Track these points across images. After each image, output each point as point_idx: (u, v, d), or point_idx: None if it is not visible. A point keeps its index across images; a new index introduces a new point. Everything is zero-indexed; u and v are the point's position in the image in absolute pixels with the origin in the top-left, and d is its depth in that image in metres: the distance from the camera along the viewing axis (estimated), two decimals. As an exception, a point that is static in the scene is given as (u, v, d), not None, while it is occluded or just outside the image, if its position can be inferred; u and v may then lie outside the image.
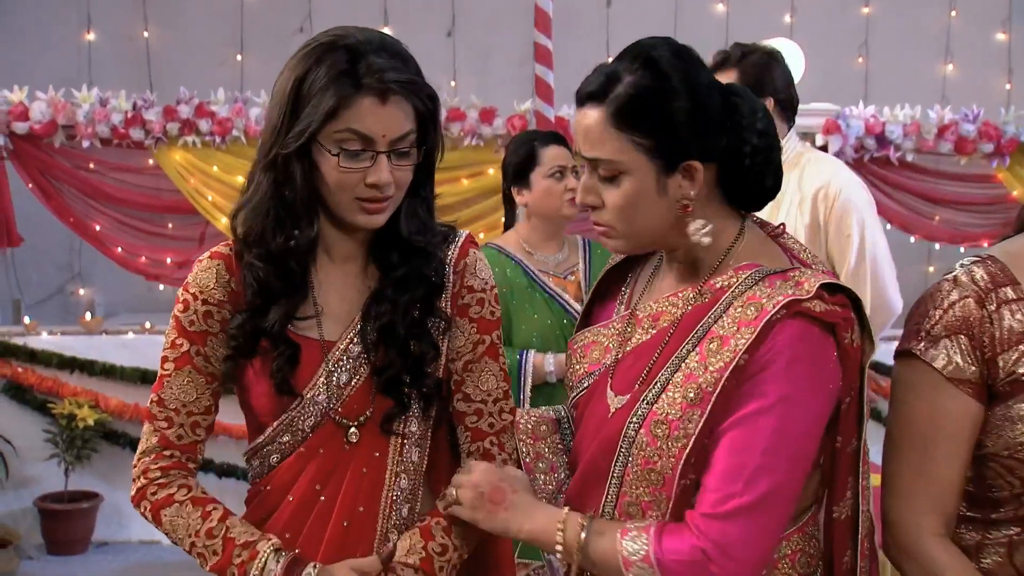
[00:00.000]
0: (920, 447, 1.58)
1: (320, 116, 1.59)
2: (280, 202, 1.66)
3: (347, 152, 1.61)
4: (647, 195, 1.57)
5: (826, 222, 3.19)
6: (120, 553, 5.43)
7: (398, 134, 1.63)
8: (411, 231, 1.73)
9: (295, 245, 1.68)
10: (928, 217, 5.99)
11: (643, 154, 1.54)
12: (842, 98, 6.04)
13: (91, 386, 5.46)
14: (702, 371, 1.49)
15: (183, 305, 1.73)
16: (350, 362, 1.73)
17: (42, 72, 6.09)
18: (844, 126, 5.64)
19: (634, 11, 6.75)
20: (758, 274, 1.55)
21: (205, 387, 1.74)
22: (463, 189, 5.73)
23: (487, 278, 1.82)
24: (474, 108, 5.63)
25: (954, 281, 1.58)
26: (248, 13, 6.79)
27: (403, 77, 1.62)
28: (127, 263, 5.79)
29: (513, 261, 3.28)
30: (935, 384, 1.56)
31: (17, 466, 5.42)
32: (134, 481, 1.75)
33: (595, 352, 1.73)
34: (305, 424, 1.72)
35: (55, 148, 5.60)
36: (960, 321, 1.55)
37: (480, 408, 1.79)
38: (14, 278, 6.43)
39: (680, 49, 1.58)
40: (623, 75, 1.55)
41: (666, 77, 1.53)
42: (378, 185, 1.63)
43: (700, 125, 1.55)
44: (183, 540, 1.71)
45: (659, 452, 1.51)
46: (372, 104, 1.60)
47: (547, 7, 5.76)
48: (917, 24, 7.03)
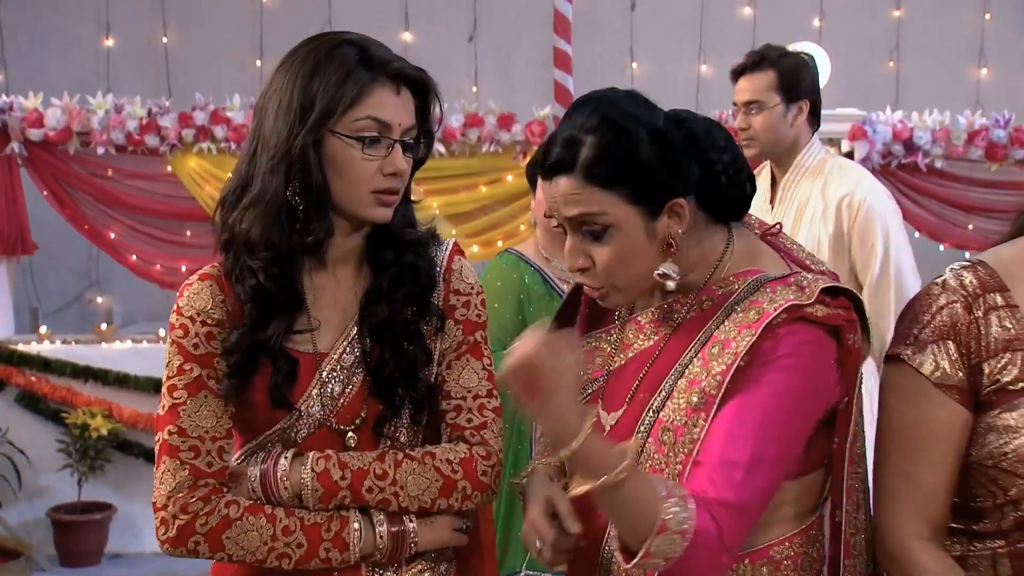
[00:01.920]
0: (907, 453, 1.58)
1: (341, 104, 1.61)
2: (294, 199, 1.64)
3: (368, 140, 1.62)
4: (637, 243, 1.57)
5: (850, 231, 3.21)
6: (134, 565, 5.38)
7: (409, 124, 1.67)
8: (399, 228, 1.74)
9: (312, 241, 1.66)
10: (957, 224, 5.86)
11: (627, 204, 1.55)
12: (872, 103, 5.92)
13: (105, 395, 5.41)
14: (704, 375, 1.52)
15: (182, 330, 1.68)
16: (343, 372, 1.71)
17: (61, 77, 6.09)
18: (871, 132, 5.53)
19: (659, 15, 6.68)
20: (759, 281, 1.57)
21: (223, 410, 1.69)
22: (481, 196, 5.68)
23: (473, 283, 1.81)
24: (492, 114, 5.57)
25: (942, 285, 1.58)
26: (268, 17, 6.77)
27: (413, 69, 1.67)
28: (142, 271, 5.77)
29: (532, 268, 3.26)
30: (922, 390, 1.56)
31: (30, 476, 5.39)
32: (169, 522, 1.63)
33: (597, 359, 1.74)
34: (298, 435, 1.70)
35: (70, 155, 5.58)
36: (948, 326, 1.55)
37: (460, 404, 1.75)
38: (31, 286, 6.42)
39: (627, 97, 1.58)
40: (582, 138, 1.54)
41: (624, 130, 1.53)
42: (396, 173, 1.65)
43: (672, 164, 1.55)
44: (257, 551, 1.63)
45: (666, 460, 1.52)
46: (389, 93, 1.64)
47: (566, 11, 5.68)
48: (949, 27, 6.91)
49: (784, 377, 1.48)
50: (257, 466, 1.67)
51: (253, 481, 1.65)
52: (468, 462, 1.70)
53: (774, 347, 1.49)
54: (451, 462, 1.69)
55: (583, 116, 1.55)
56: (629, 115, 1.54)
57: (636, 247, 1.57)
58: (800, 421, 1.52)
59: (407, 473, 1.67)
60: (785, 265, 1.63)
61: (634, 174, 1.53)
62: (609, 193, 1.53)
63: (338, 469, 1.64)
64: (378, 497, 1.66)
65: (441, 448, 1.71)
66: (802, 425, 1.52)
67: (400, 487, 1.66)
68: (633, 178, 1.53)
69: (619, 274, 1.59)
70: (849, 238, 3.17)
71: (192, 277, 1.73)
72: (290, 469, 1.65)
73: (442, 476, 1.68)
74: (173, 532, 1.62)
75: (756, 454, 1.45)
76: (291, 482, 1.64)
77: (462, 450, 1.71)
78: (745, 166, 1.64)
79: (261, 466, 1.66)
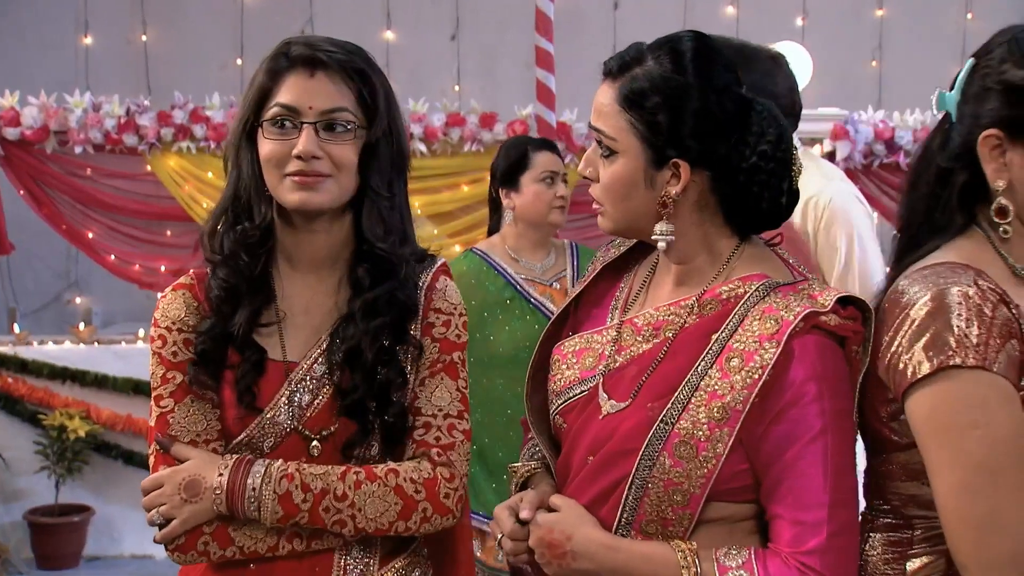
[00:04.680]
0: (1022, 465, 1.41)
1: (253, 98, 1.67)
2: (234, 197, 1.70)
3: (276, 123, 1.65)
4: (635, 182, 1.56)
5: (815, 232, 3.17)
6: (112, 568, 5.34)
7: (327, 106, 1.65)
8: (375, 234, 1.71)
9: (246, 236, 1.69)
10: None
11: (639, 140, 1.54)
12: (855, 102, 5.93)
13: (83, 397, 5.37)
14: (727, 389, 1.47)
15: (160, 341, 1.70)
16: (312, 382, 1.70)
17: (39, 76, 6.04)
18: (853, 131, 5.54)
19: (642, 13, 6.66)
20: (767, 286, 1.53)
21: (211, 412, 1.69)
22: (463, 195, 5.67)
23: (456, 303, 1.79)
24: (474, 113, 5.55)
25: (976, 287, 1.45)
26: (248, 16, 6.73)
27: (332, 50, 1.66)
28: (120, 271, 5.74)
29: (496, 271, 3.23)
30: (1011, 394, 1.42)
31: (7, 479, 5.34)
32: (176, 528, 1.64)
33: (588, 358, 1.68)
34: (265, 444, 1.69)
35: (47, 154, 5.55)
36: (1008, 326, 1.44)
37: (429, 421, 1.72)
38: (9, 286, 6.36)
39: (708, 48, 1.56)
40: (646, 59, 1.55)
41: (683, 72, 1.52)
42: (302, 154, 1.63)
43: (700, 128, 1.52)
44: (267, 537, 1.65)
45: (686, 474, 1.47)
46: (299, 77, 1.65)
47: (548, 10, 5.66)
48: (932, 26, 6.93)
49: (827, 410, 1.46)
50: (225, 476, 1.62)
51: (218, 492, 1.61)
52: (432, 483, 1.66)
53: (800, 375, 1.45)
54: (415, 482, 1.66)
55: (661, 42, 1.56)
56: (696, 64, 1.52)
57: (634, 185, 1.56)
58: (852, 439, 1.51)
59: (366, 496, 1.63)
60: (789, 273, 1.60)
61: (660, 117, 1.52)
62: (629, 122, 1.53)
63: (300, 492, 1.61)
64: (334, 518, 1.62)
65: (405, 466, 1.67)
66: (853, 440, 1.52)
67: (358, 510, 1.63)
68: (656, 120, 1.52)
69: (612, 199, 1.59)
70: (815, 238, 3.14)
71: (166, 289, 1.76)
72: (260, 488, 1.61)
73: (403, 498, 1.65)
74: (182, 539, 1.63)
75: (835, 495, 1.45)
76: (256, 498, 1.61)
77: (426, 470, 1.67)
78: (776, 187, 1.55)
79: (228, 478, 1.62)
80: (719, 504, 1.49)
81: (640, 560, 1.50)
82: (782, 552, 1.46)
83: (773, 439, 1.46)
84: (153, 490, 1.64)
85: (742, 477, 1.49)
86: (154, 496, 1.63)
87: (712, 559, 1.47)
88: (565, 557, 1.52)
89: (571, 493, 1.60)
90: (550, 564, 1.54)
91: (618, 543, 1.51)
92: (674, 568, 1.47)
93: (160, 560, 5.34)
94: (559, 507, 1.57)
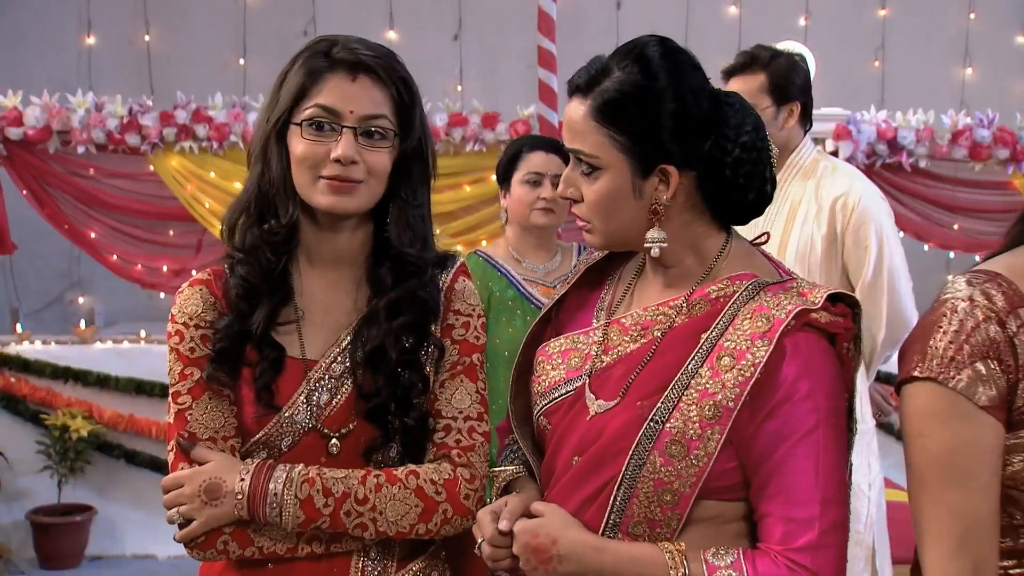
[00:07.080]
0: (953, 480, 1.45)
1: (291, 94, 1.64)
2: (259, 193, 1.69)
3: (313, 124, 1.63)
4: (623, 195, 1.55)
5: (843, 232, 3.16)
6: (114, 567, 5.34)
7: (367, 112, 1.64)
8: (402, 241, 1.71)
9: (271, 234, 1.68)
10: (941, 224, 5.86)
11: (621, 152, 1.53)
12: (857, 102, 5.92)
13: (85, 396, 5.38)
14: (719, 387, 1.46)
15: (178, 337, 1.69)
16: (332, 381, 1.69)
17: (42, 75, 6.04)
18: (855, 131, 5.53)
19: (644, 14, 6.65)
20: (757, 285, 1.53)
21: (228, 410, 1.68)
22: (465, 195, 5.66)
23: (475, 304, 1.79)
24: (476, 113, 5.55)
25: (970, 301, 1.47)
26: (251, 16, 6.73)
27: (375, 55, 1.65)
28: (123, 271, 5.73)
29: (499, 272, 3.22)
30: (966, 412, 1.44)
31: (9, 478, 5.33)
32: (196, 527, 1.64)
33: (574, 359, 1.67)
34: (282, 442, 1.68)
35: (49, 154, 5.54)
36: (987, 344, 1.44)
37: (449, 424, 1.72)
38: (12, 286, 6.36)
39: (673, 50, 1.55)
40: (612, 70, 1.54)
41: (654, 77, 1.51)
42: (341, 159, 1.62)
43: (681, 129, 1.52)
44: (287, 538, 1.65)
45: (676, 473, 1.47)
46: (341, 79, 1.64)
47: (550, 10, 5.66)
48: (935, 26, 6.92)
49: (819, 408, 1.47)
50: (247, 480, 1.62)
51: (240, 497, 1.61)
52: (452, 484, 1.67)
53: (792, 372, 1.46)
54: (435, 483, 1.66)
55: (624, 51, 1.54)
56: (664, 67, 1.51)
57: (621, 198, 1.54)
58: (844, 436, 1.52)
59: (387, 499, 1.64)
60: (776, 271, 1.60)
61: (640, 123, 1.51)
62: (609, 136, 1.52)
63: (322, 496, 1.61)
64: (356, 522, 1.63)
65: (425, 468, 1.68)
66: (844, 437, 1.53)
67: (379, 512, 1.63)
68: (637, 127, 1.51)
69: (600, 216, 1.58)
70: (843, 239, 3.13)
71: (183, 285, 1.75)
72: (281, 493, 1.61)
73: (424, 499, 1.65)
74: (202, 539, 1.63)
75: (826, 492, 1.46)
76: (278, 503, 1.61)
77: (446, 471, 1.68)
78: (761, 176, 1.57)
79: (250, 483, 1.61)
80: (708, 503, 1.49)
81: (628, 561, 1.49)
82: (772, 550, 1.46)
83: (765, 436, 1.46)
84: (173, 488, 1.64)
85: (730, 475, 1.49)
86: (174, 495, 1.63)
87: (700, 559, 1.46)
88: (551, 561, 1.51)
89: (555, 495, 1.59)
90: (536, 570, 1.52)
91: (605, 544, 1.51)
92: (662, 569, 1.46)
93: (162, 560, 5.36)
94: (542, 513, 1.55)
